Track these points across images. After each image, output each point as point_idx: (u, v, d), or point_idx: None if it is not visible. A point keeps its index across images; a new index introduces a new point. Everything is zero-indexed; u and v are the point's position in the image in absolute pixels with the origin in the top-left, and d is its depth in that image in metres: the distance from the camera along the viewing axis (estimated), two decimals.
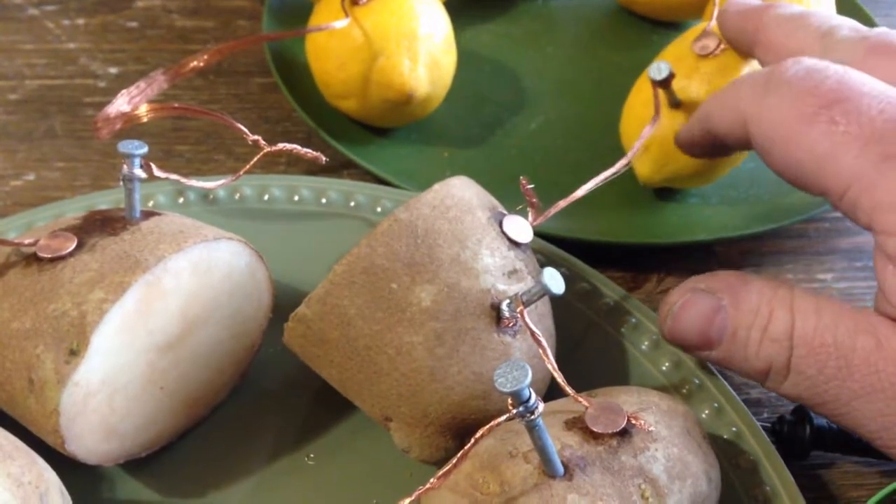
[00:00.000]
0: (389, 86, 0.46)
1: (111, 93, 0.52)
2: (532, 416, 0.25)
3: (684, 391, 0.36)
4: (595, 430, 0.28)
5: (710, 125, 0.36)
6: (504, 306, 0.31)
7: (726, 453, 0.34)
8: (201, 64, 0.39)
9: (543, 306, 0.34)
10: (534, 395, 0.24)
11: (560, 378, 0.29)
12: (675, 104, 0.43)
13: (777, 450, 0.34)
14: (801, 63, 0.32)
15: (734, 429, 0.35)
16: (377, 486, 0.34)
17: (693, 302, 0.33)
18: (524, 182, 0.35)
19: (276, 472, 0.34)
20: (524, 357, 0.31)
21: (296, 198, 0.43)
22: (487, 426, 0.26)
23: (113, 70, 0.54)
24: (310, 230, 0.42)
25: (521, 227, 0.33)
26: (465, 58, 0.51)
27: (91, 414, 0.30)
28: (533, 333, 0.29)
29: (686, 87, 0.42)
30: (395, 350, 0.31)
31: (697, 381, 0.36)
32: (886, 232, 0.29)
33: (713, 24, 0.44)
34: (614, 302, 0.39)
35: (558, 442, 0.27)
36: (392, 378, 0.31)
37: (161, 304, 0.31)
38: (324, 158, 0.38)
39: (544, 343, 0.29)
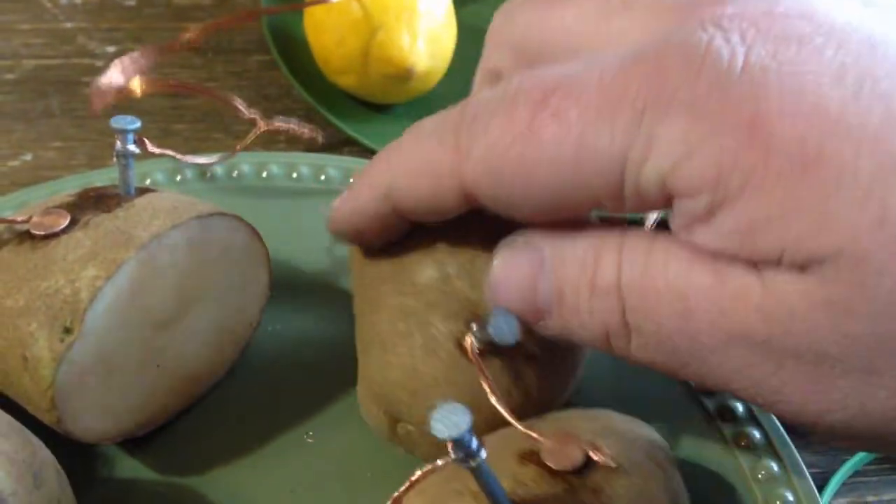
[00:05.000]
0: (389, 61, 0.45)
1: None
2: (473, 463, 0.22)
3: None
4: (551, 466, 0.25)
5: (399, 202, 0.28)
6: (473, 330, 0.28)
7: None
8: (195, 38, 0.39)
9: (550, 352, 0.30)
10: (475, 440, 0.22)
11: (507, 414, 0.26)
12: None
13: None
14: (477, 97, 0.26)
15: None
16: (376, 465, 0.33)
17: (509, 262, 0.26)
18: None
19: (275, 451, 0.34)
20: (467, 388, 0.28)
21: (294, 175, 0.42)
22: (424, 471, 0.24)
23: (110, 49, 0.54)
24: (309, 207, 0.41)
25: None
26: (466, 33, 0.50)
27: (86, 392, 0.30)
28: (481, 371, 0.27)
29: None
30: (374, 303, 0.30)
31: None
32: (688, 192, 0.23)
33: None
34: None
35: (512, 479, 0.25)
36: (361, 326, 0.31)
37: (156, 281, 0.31)
38: (321, 136, 0.37)
39: (491, 384, 0.26)
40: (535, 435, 0.26)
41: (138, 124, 0.32)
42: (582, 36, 0.27)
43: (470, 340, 0.28)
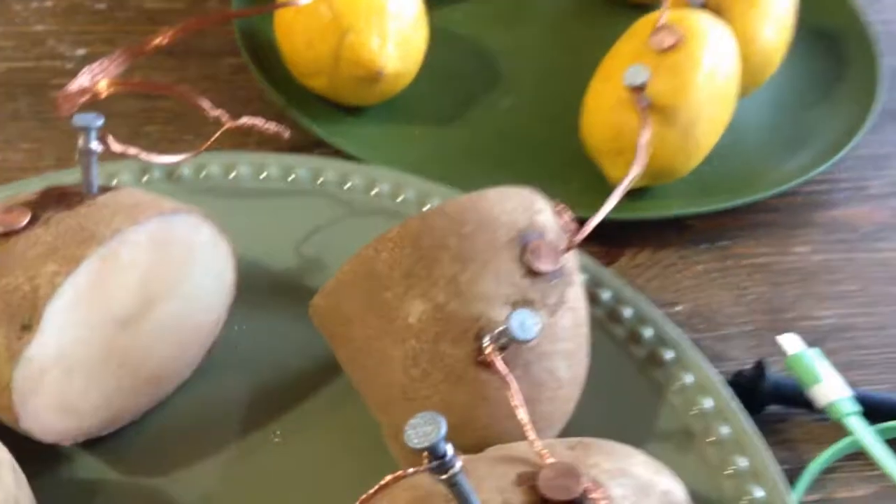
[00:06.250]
0: (358, 63, 0.45)
1: None
2: (445, 475, 0.22)
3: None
4: (544, 494, 0.25)
5: None
6: (486, 341, 0.29)
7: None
8: (166, 40, 0.39)
9: (572, 342, 0.31)
10: (450, 451, 0.22)
11: (530, 428, 0.26)
12: (646, 104, 0.41)
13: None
14: None
15: (709, 403, 0.35)
16: (344, 464, 0.33)
17: None
18: (559, 207, 0.33)
19: (241, 451, 0.34)
20: (501, 400, 0.28)
21: (262, 175, 0.42)
22: (394, 475, 0.24)
23: (81, 52, 0.53)
24: (276, 207, 0.41)
25: (546, 254, 0.30)
26: (437, 36, 0.50)
27: (46, 390, 0.29)
28: (503, 377, 0.27)
29: (651, 84, 0.41)
30: (379, 360, 0.30)
31: (671, 355, 0.36)
32: None
33: (666, 16, 0.43)
34: (589, 276, 0.38)
35: (500, 497, 0.25)
36: (375, 386, 0.31)
37: (118, 278, 0.30)
38: (287, 132, 0.37)
39: (515, 388, 0.27)
40: (546, 454, 0.26)
41: (101, 121, 0.32)
42: None
43: (491, 349, 0.28)
